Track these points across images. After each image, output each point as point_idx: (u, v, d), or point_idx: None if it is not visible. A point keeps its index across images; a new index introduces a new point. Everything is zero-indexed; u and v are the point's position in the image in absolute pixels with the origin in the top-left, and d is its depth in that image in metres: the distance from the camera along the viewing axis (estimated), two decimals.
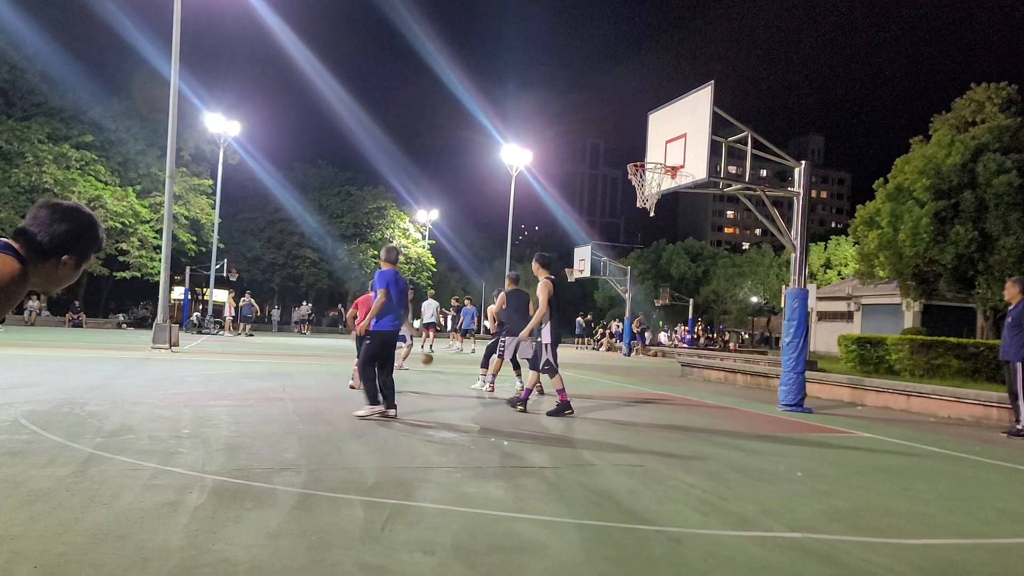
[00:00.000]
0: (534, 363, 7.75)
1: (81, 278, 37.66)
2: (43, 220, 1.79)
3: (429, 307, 21.39)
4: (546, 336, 7.44)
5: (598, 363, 20.81)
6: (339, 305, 44.71)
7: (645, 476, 4.70)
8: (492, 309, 9.87)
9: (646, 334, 35.36)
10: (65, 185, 30.95)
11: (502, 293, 9.37)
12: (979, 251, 18.76)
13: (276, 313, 38.79)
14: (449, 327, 22.05)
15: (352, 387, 8.90)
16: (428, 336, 21.69)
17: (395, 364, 7.11)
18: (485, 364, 10.22)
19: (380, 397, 6.50)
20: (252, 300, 29.16)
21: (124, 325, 32.31)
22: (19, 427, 5.30)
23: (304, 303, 39.14)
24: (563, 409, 7.46)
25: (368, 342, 6.61)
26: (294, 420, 6.35)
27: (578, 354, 27.65)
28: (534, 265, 7.79)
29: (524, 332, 7.81)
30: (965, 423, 9.15)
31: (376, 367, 6.55)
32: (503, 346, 9.02)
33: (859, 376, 12.41)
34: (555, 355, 7.58)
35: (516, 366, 9.90)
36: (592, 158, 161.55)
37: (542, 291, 7.44)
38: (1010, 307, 7.98)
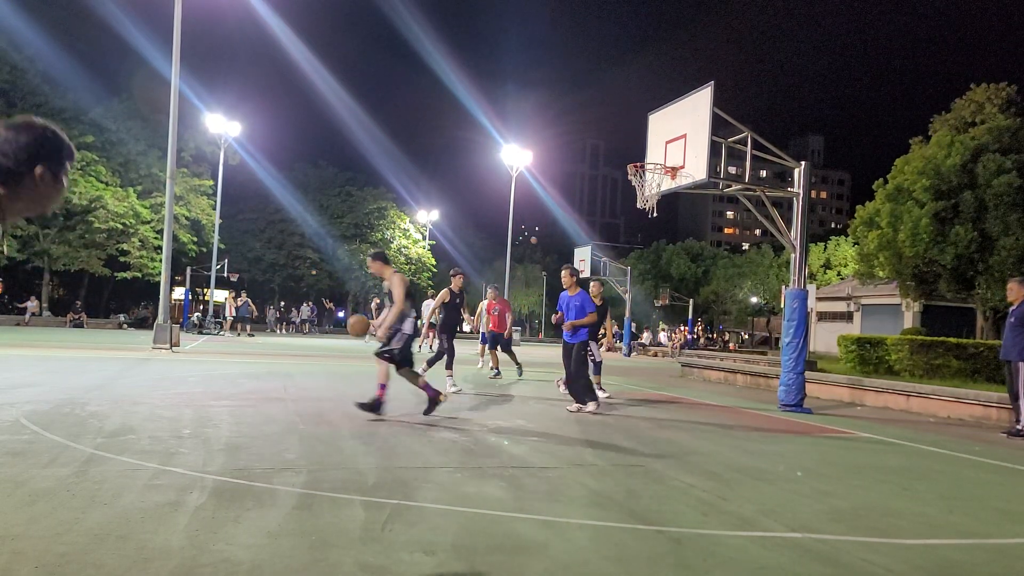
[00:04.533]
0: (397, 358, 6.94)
1: (82, 279, 37.70)
2: (2, 141, 1.70)
3: (428, 308, 21.38)
4: (408, 327, 6.94)
5: None
6: (327, 302, 44.23)
7: (645, 476, 4.71)
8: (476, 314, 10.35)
9: (644, 334, 35.39)
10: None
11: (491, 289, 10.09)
12: (979, 251, 18.75)
13: (304, 311, 37.91)
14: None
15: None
16: (428, 336, 21.69)
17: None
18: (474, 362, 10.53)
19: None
20: (248, 300, 29.21)
21: (125, 325, 32.31)
22: (20, 427, 5.31)
23: (278, 303, 39.05)
24: (376, 405, 6.75)
25: None
26: (295, 420, 6.35)
27: None
28: (375, 264, 7.23)
29: (382, 329, 7.30)
30: (965, 423, 9.15)
31: None
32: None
33: (859, 376, 12.41)
34: (410, 348, 7.07)
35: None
36: (592, 159, 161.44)
37: (399, 285, 6.88)
38: (1011, 307, 7.97)
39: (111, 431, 5.36)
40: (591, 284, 10.46)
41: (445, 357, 10.01)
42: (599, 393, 9.70)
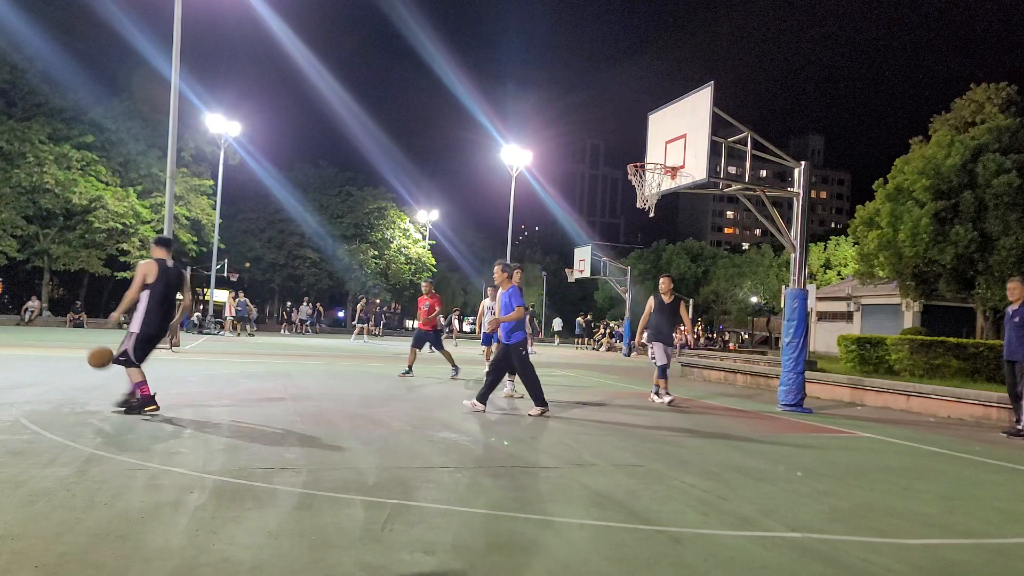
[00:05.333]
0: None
1: (82, 279, 37.70)
2: None
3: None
4: (134, 325, 6.33)
5: (598, 363, 20.81)
6: (317, 304, 43.20)
7: (645, 476, 4.71)
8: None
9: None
10: (66, 185, 30.95)
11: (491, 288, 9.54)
12: (979, 251, 18.75)
13: (303, 311, 36.57)
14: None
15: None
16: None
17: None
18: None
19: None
20: (247, 300, 29.15)
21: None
22: (20, 427, 5.31)
23: (281, 303, 38.80)
24: (143, 405, 6.22)
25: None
26: (294, 420, 6.35)
27: (578, 354, 27.64)
28: (153, 247, 6.72)
29: (113, 316, 6.86)
30: (965, 423, 9.15)
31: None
32: (652, 354, 9.49)
33: (859, 376, 12.40)
34: (143, 349, 6.34)
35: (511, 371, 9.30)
36: (592, 158, 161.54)
37: (139, 271, 6.39)
38: (1012, 307, 7.95)
39: (111, 431, 5.36)
40: (661, 281, 9.71)
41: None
42: (664, 398, 9.27)
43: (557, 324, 41.54)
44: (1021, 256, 18.07)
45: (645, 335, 9.67)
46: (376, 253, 47.27)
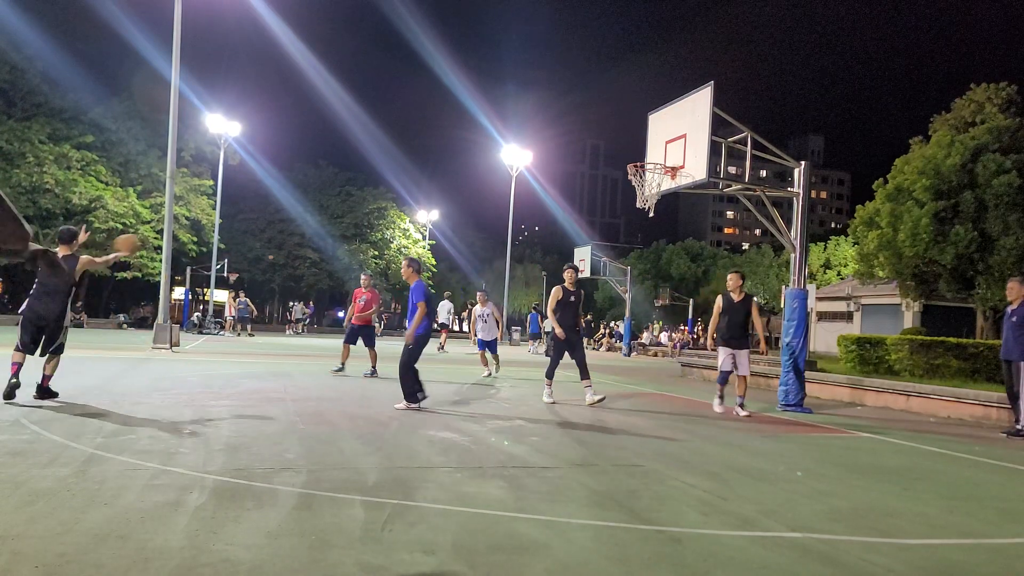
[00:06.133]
0: None
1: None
2: None
3: (443, 308, 21.50)
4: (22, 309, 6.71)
5: (598, 363, 20.81)
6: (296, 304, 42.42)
7: (645, 476, 4.71)
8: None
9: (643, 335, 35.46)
10: (66, 186, 30.96)
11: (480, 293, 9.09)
12: (979, 251, 18.76)
13: (297, 311, 36.22)
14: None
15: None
16: (442, 336, 21.79)
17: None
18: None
19: None
20: (247, 300, 29.18)
21: (125, 325, 32.30)
22: (20, 427, 5.31)
23: (281, 303, 38.59)
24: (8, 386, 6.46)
25: None
26: (294, 420, 6.35)
27: None
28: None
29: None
30: (965, 423, 9.15)
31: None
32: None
33: (859, 376, 12.40)
34: (26, 332, 6.75)
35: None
36: (592, 159, 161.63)
37: None
38: (1011, 306, 7.95)
39: (111, 431, 5.36)
40: (729, 277, 8.78)
41: (549, 363, 8.91)
42: (716, 406, 8.74)
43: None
44: (1021, 256, 18.07)
45: (715, 338, 8.83)
46: (376, 253, 47.30)
